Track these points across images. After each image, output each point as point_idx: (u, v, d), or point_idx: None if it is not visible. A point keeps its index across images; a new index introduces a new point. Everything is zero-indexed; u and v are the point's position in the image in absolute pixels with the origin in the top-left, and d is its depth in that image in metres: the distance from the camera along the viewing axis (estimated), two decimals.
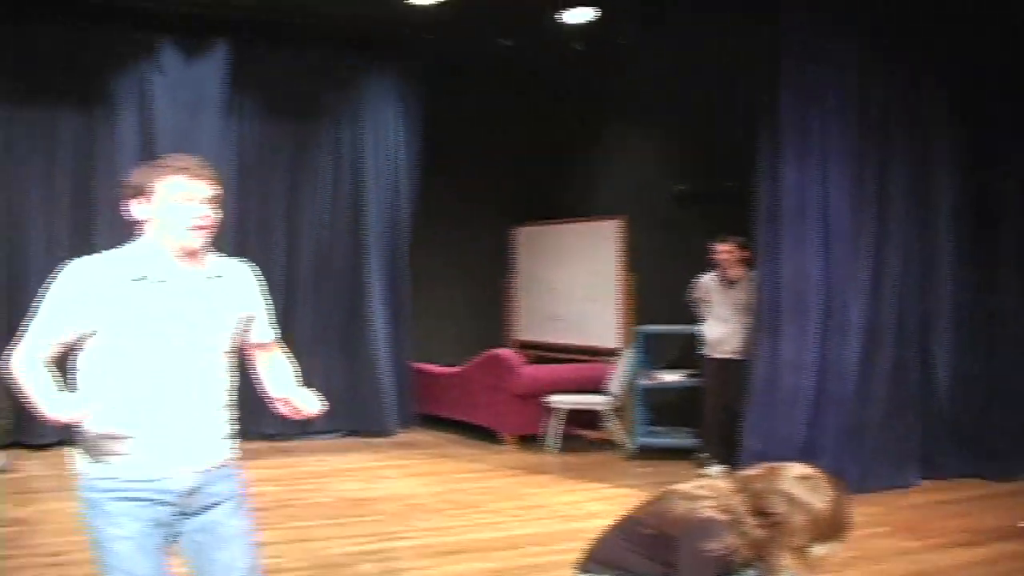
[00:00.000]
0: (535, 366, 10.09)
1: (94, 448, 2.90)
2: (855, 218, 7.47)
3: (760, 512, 3.24)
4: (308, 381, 10.77)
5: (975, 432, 8.04)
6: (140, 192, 2.89)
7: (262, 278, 3.23)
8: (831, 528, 3.23)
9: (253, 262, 10.81)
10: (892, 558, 5.78)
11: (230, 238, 9.56)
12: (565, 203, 11.38)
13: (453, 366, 10.49)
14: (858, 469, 7.48)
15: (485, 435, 9.80)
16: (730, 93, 8.59)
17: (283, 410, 3.19)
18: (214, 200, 2.91)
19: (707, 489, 3.43)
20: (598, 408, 9.42)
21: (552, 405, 9.35)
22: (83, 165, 9.31)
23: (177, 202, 2.85)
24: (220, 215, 2.93)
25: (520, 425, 9.62)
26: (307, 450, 9.33)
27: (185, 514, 2.98)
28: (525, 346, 11.67)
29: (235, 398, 3.09)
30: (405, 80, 10.51)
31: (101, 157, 9.30)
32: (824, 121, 7.29)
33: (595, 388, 9.50)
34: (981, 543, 6.14)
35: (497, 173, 11.61)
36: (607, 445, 9.46)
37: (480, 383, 9.90)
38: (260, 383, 3.21)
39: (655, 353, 9.21)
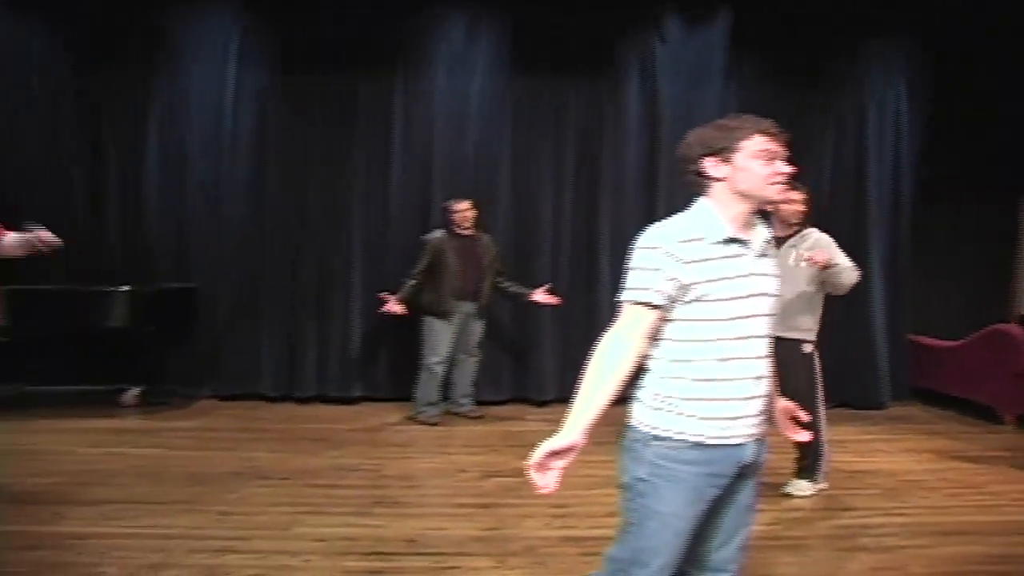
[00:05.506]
0: None
1: (678, 410, 3.05)
2: None
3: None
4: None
5: None
6: (719, 151, 3.05)
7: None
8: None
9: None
10: None
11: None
12: None
13: (952, 340, 10.26)
14: None
15: (982, 412, 9.51)
16: None
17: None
18: (787, 159, 3.09)
19: None
20: None
21: None
22: (591, 131, 10.10)
23: (759, 159, 3.03)
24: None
25: (1022, 404, 9.25)
26: None
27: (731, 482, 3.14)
28: None
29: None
30: (909, 49, 10.29)
31: (608, 124, 10.07)
32: None
33: None
34: None
35: (1005, 141, 11.07)
36: None
37: (980, 358, 9.62)
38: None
39: None
